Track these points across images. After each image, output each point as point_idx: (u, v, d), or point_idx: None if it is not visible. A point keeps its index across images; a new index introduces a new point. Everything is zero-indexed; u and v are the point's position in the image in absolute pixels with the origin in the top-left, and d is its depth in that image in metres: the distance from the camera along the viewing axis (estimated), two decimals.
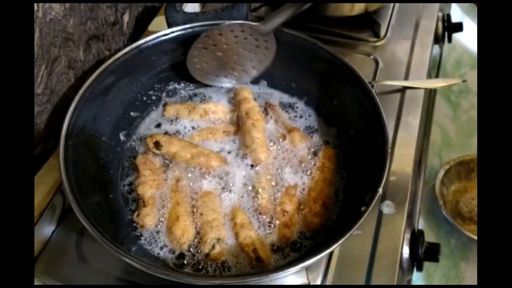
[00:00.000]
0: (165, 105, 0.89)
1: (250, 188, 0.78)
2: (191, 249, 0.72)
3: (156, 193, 0.77)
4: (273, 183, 0.78)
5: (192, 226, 0.74)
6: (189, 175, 0.80)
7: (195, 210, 0.76)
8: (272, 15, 0.80)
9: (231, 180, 0.79)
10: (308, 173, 0.80)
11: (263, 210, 0.75)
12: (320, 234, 0.74)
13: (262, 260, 0.69)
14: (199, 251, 0.71)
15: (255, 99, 0.89)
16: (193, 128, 0.87)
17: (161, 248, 0.72)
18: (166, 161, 0.82)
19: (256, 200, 0.76)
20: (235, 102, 0.88)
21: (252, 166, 0.80)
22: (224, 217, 0.75)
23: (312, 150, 0.83)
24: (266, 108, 0.89)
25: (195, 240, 0.73)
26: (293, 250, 0.72)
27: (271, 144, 0.84)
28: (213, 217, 0.74)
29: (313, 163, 0.81)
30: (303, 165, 0.81)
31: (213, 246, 0.70)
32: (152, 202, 0.75)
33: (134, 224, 0.74)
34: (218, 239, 0.71)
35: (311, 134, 0.86)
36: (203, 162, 0.80)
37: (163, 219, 0.75)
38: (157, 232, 0.74)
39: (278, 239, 0.73)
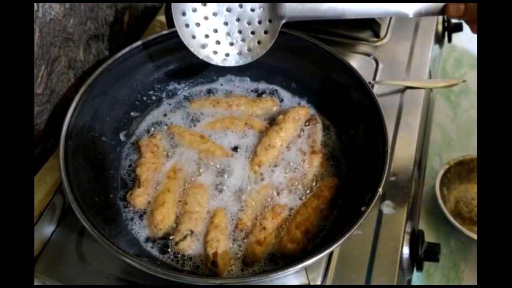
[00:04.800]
0: (190, 102, 0.90)
1: (241, 196, 0.77)
2: (165, 237, 0.73)
3: (152, 176, 0.78)
4: (266, 201, 0.76)
5: (174, 216, 0.75)
6: (189, 166, 0.81)
7: (182, 200, 0.76)
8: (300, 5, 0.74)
9: (228, 181, 0.79)
10: (303, 197, 0.77)
11: (241, 225, 0.73)
12: (319, 235, 0.74)
13: (218, 266, 0.68)
14: (171, 239, 0.72)
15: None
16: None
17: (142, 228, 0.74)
18: (172, 146, 0.83)
19: (240, 211, 0.75)
20: (287, 111, 0.86)
21: (254, 172, 0.79)
22: (206, 213, 0.75)
23: (322, 178, 0.80)
24: (309, 120, 0.86)
25: (171, 230, 0.74)
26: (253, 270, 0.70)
27: (290, 162, 0.81)
28: (196, 210, 0.74)
29: (314, 189, 0.78)
30: (303, 188, 0.78)
31: (185, 237, 0.71)
32: (146, 184, 0.77)
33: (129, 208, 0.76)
34: (192, 232, 0.72)
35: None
36: (208, 156, 0.81)
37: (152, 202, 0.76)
38: (143, 213, 0.76)
39: (246, 254, 0.71)
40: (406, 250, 0.74)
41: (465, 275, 1.08)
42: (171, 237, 0.73)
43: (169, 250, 0.72)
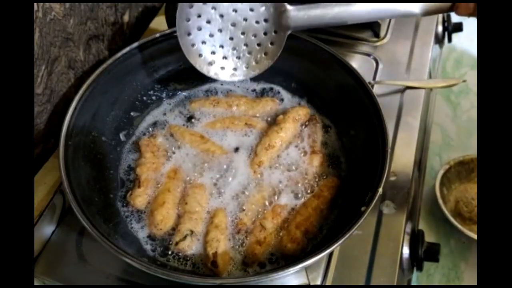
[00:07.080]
0: (190, 102, 0.90)
1: (241, 197, 0.77)
2: (165, 237, 0.73)
3: (153, 175, 0.78)
4: (266, 202, 0.76)
5: (174, 216, 0.74)
6: (189, 166, 0.80)
7: (182, 200, 0.76)
8: (306, 9, 0.74)
9: (228, 181, 0.79)
10: (303, 197, 0.77)
11: (241, 225, 0.73)
12: (319, 235, 0.74)
13: (218, 266, 0.68)
14: (171, 241, 0.72)
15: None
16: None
17: (142, 227, 0.74)
18: (172, 146, 0.83)
19: (240, 211, 0.75)
20: (287, 111, 0.86)
21: (254, 172, 0.79)
22: (206, 214, 0.75)
23: (322, 178, 0.80)
24: (309, 120, 0.86)
25: (171, 230, 0.74)
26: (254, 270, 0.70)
27: (290, 162, 0.81)
28: (196, 210, 0.74)
29: (314, 189, 0.78)
30: (303, 188, 0.78)
31: (185, 237, 0.71)
32: (146, 184, 0.77)
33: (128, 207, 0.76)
34: (192, 232, 0.72)
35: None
36: (208, 156, 0.81)
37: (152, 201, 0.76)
38: (143, 213, 0.76)
39: (246, 254, 0.71)
40: (406, 250, 0.74)
41: (465, 275, 1.08)
42: (171, 237, 0.73)
43: (169, 250, 0.72)
